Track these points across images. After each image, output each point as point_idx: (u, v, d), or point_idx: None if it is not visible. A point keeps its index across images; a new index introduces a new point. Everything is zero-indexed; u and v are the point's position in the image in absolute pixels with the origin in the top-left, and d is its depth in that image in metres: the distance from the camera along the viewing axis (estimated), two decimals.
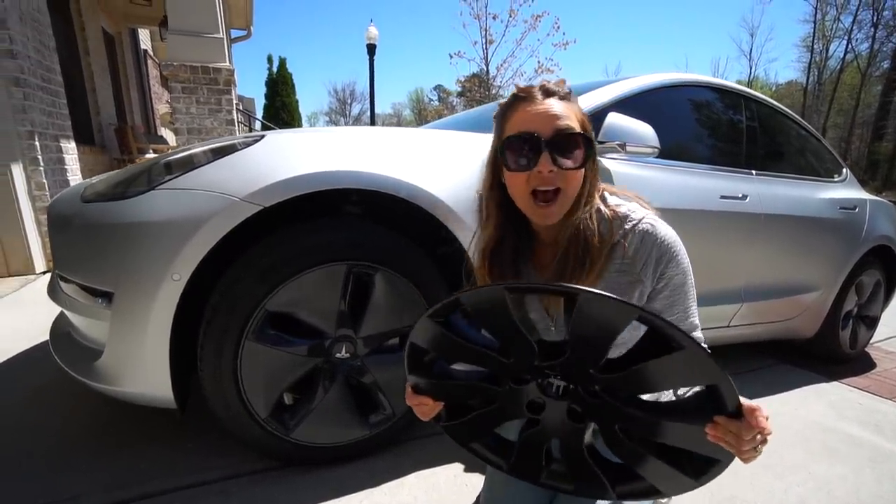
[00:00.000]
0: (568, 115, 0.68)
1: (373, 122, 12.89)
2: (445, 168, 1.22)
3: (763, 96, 2.12)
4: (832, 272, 2.07)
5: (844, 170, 2.40)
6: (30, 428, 1.34)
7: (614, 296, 0.51)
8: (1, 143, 2.62)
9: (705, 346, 0.62)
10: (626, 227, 0.71)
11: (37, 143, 2.77)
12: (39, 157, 2.79)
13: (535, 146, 0.67)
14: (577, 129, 0.68)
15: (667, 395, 0.64)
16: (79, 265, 1.11)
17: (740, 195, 1.73)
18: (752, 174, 1.86)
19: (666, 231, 0.72)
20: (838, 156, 2.45)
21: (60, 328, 1.35)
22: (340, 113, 38.17)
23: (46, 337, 1.83)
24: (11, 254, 2.73)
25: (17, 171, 2.70)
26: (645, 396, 0.60)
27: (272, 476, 1.18)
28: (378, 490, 1.15)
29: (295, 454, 1.18)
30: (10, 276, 2.73)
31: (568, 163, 0.67)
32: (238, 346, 1.05)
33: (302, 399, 1.18)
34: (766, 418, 0.52)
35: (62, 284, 1.17)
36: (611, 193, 0.77)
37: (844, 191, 2.25)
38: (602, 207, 0.72)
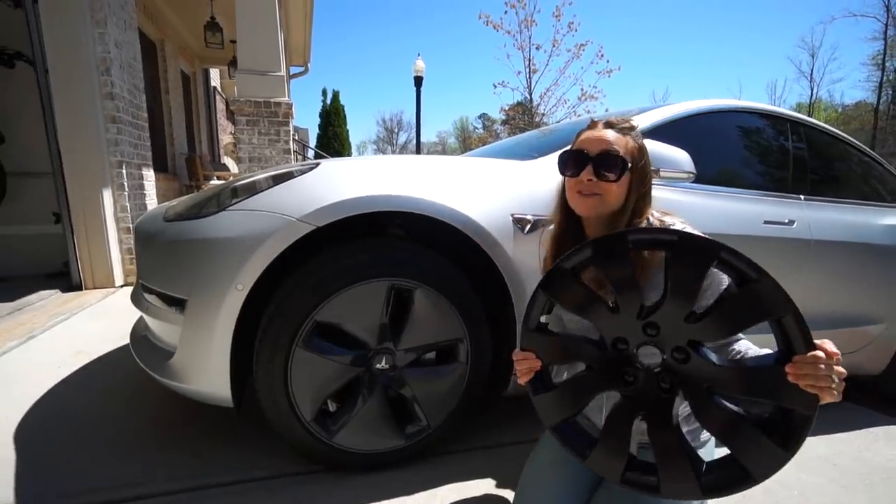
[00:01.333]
0: (617, 142, 0.88)
1: (418, 151, 13.35)
2: (481, 193, 1.30)
3: (813, 120, 2.06)
4: None
5: None
6: (107, 420, 1.51)
7: (702, 234, 0.64)
8: (95, 171, 3.00)
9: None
10: None
11: (124, 172, 3.14)
12: (125, 183, 3.16)
13: (583, 160, 0.88)
14: (620, 153, 0.87)
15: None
16: (159, 275, 1.27)
17: (787, 220, 1.68)
18: (800, 199, 1.80)
19: None
20: None
21: (139, 332, 1.53)
22: (388, 141, 39.70)
23: (124, 342, 2.06)
24: (97, 268, 3.07)
25: (107, 196, 3.07)
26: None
27: (314, 478, 1.26)
28: (411, 499, 1.20)
29: (335, 458, 1.26)
30: (95, 288, 3.06)
31: (608, 175, 0.86)
32: (289, 352, 1.16)
33: (343, 406, 1.26)
34: (839, 353, 0.60)
35: (145, 293, 1.34)
36: (659, 212, 0.93)
37: None
38: (651, 219, 0.90)
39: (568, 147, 0.95)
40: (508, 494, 1.22)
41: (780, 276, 1.72)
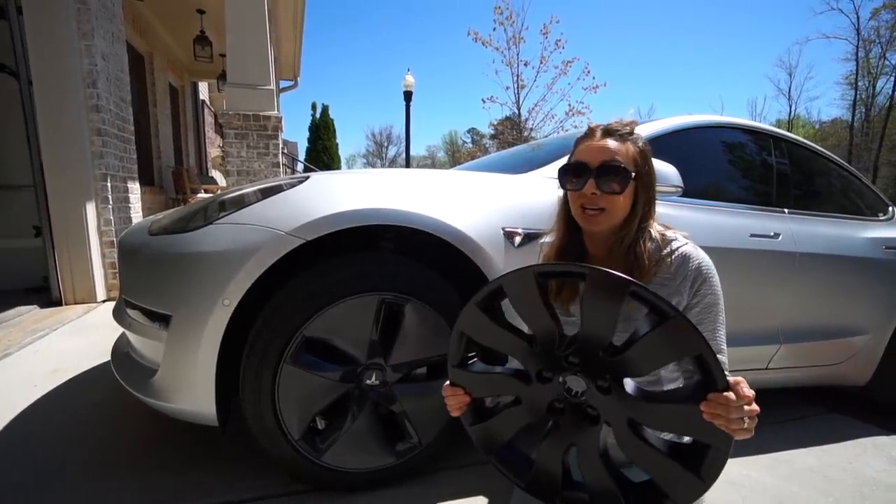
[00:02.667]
0: (619, 151, 0.85)
1: (408, 164, 13.41)
2: (472, 206, 1.30)
3: (795, 136, 2.12)
4: (881, 314, 1.97)
5: (891, 209, 2.32)
6: (85, 441, 1.45)
7: (612, 271, 0.62)
8: (79, 184, 2.94)
9: (727, 370, 0.69)
10: (672, 247, 0.87)
11: (108, 185, 3.09)
12: (109, 196, 3.10)
13: (585, 173, 0.85)
14: (622, 163, 0.84)
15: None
16: (143, 290, 1.24)
17: (772, 233, 1.71)
18: (784, 212, 1.84)
19: (704, 256, 0.87)
20: (884, 195, 2.38)
21: (120, 348, 1.48)
22: (377, 155, 39.86)
23: (104, 359, 2.00)
24: (79, 284, 2.99)
25: (90, 209, 3.00)
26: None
27: (301, 498, 1.22)
28: None
29: (323, 477, 1.22)
30: (76, 303, 2.98)
31: (611, 187, 0.83)
32: (277, 368, 1.13)
33: (332, 423, 1.23)
34: (752, 394, 0.60)
35: (127, 309, 1.30)
36: (661, 225, 0.92)
37: (891, 230, 2.16)
38: (653, 232, 0.89)
39: (566, 159, 0.92)
40: None
41: (768, 288, 1.75)
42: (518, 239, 1.28)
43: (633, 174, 0.85)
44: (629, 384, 0.66)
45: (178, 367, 1.14)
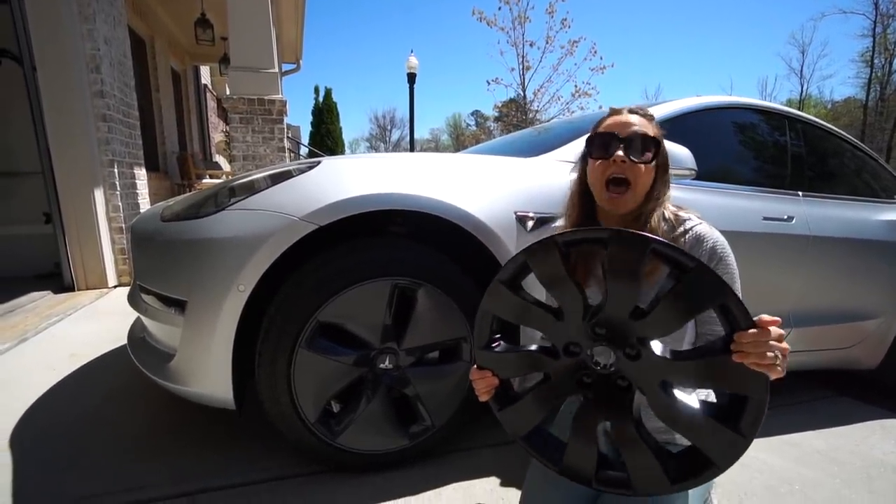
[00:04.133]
0: (645, 125, 0.88)
1: (412, 148, 13.29)
2: (484, 190, 1.29)
3: (810, 117, 2.07)
4: (893, 297, 1.95)
5: None
6: (105, 423, 1.49)
7: (631, 230, 0.62)
8: (86, 170, 2.95)
9: None
10: (686, 227, 0.87)
11: (115, 171, 3.09)
12: (117, 182, 3.10)
13: (614, 141, 0.86)
14: (651, 134, 0.86)
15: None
16: (157, 276, 1.25)
17: (785, 217, 1.69)
18: (798, 195, 1.81)
19: (718, 236, 0.87)
20: None
21: (136, 333, 1.50)
22: (381, 139, 39.54)
23: (119, 343, 2.03)
24: (90, 269, 3.02)
25: (99, 195, 3.01)
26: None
27: (318, 479, 1.25)
28: (416, 498, 1.19)
29: (339, 459, 1.25)
30: (87, 289, 3.02)
31: (641, 156, 0.84)
32: (292, 353, 1.14)
33: (347, 407, 1.25)
34: (778, 320, 0.60)
35: (142, 294, 1.31)
36: (675, 207, 0.92)
37: None
38: (666, 213, 0.88)
39: (580, 140, 0.93)
40: (513, 493, 1.22)
41: (780, 272, 1.74)
42: (531, 223, 1.27)
43: (660, 146, 0.87)
44: (657, 345, 0.65)
45: (194, 351, 1.15)
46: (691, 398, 0.67)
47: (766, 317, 0.59)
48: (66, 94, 2.85)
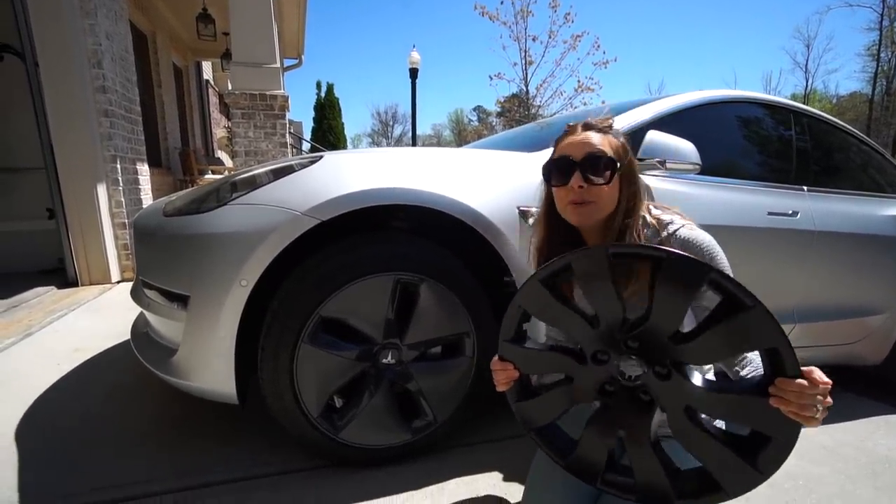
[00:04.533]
0: (601, 143, 0.84)
1: (414, 143, 13.26)
2: (486, 185, 1.28)
3: (815, 110, 2.05)
4: None
5: None
6: (110, 417, 1.49)
7: (693, 256, 0.60)
8: (89, 166, 2.95)
9: None
10: (670, 230, 0.84)
11: (118, 166, 3.09)
12: (119, 178, 3.11)
13: (570, 167, 0.84)
14: (608, 153, 0.82)
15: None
16: (160, 271, 1.25)
17: (790, 212, 1.68)
18: (803, 190, 1.80)
19: (704, 236, 0.83)
20: None
21: (139, 328, 1.50)
22: (383, 134, 39.47)
23: (123, 338, 2.04)
24: (94, 265, 3.03)
25: (102, 191, 3.02)
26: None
27: (319, 474, 1.25)
28: (419, 493, 1.19)
29: (341, 453, 1.25)
30: (91, 284, 3.03)
31: (597, 179, 0.82)
32: (295, 348, 1.14)
33: (350, 402, 1.25)
34: (829, 382, 0.57)
35: (145, 289, 1.31)
36: (655, 208, 0.89)
37: None
38: (647, 217, 0.85)
39: (549, 157, 0.91)
40: (516, 488, 1.22)
41: (784, 268, 1.73)
42: (533, 219, 1.26)
43: (619, 164, 0.83)
44: (695, 374, 0.64)
45: (197, 346, 1.15)
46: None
47: (818, 374, 0.57)
48: (68, 89, 2.85)
